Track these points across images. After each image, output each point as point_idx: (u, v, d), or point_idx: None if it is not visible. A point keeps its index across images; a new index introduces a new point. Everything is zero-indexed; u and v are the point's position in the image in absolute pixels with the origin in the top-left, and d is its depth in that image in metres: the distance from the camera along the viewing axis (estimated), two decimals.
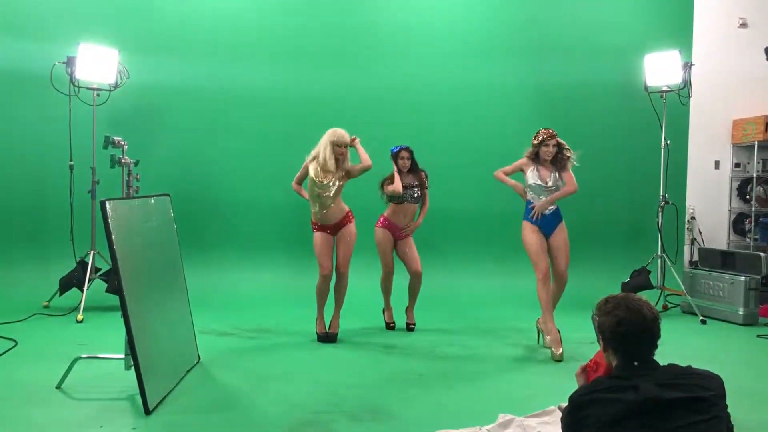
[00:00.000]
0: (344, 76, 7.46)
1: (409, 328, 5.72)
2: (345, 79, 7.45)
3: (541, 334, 5.19)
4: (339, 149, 5.14)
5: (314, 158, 5.16)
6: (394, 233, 5.64)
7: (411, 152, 5.64)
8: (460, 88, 7.59)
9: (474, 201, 7.46)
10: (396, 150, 5.63)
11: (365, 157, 5.21)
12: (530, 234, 5.05)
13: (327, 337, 5.25)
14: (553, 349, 4.84)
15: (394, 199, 5.60)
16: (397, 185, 5.50)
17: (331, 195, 5.16)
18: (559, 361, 4.75)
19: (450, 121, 7.54)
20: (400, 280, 5.80)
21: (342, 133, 5.16)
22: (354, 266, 5.37)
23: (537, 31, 7.57)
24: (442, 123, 7.46)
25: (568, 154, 5.08)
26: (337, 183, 5.15)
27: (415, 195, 5.63)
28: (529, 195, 5.11)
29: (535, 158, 5.08)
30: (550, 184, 5.05)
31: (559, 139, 5.04)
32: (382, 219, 5.68)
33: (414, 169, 5.66)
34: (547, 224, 5.09)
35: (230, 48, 7.45)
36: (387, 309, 5.81)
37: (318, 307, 5.33)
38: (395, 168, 5.60)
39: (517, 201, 5.33)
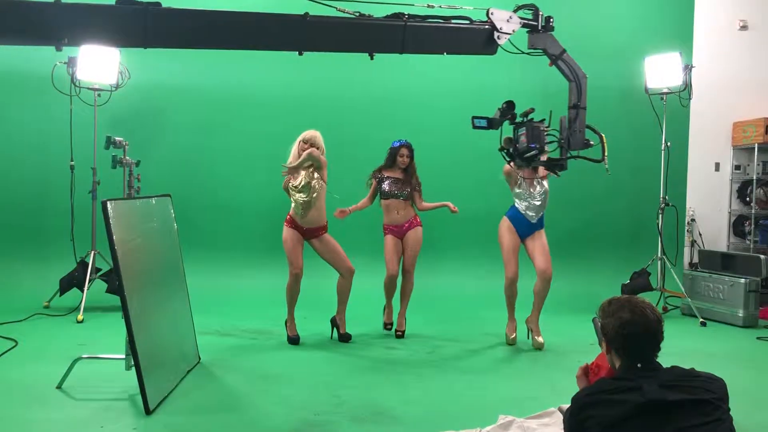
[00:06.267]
0: (345, 76, 7.45)
1: (397, 335, 5.56)
2: (346, 79, 7.44)
3: (530, 332, 5.28)
4: (303, 145, 5.15)
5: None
6: (396, 234, 5.60)
7: (411, 150, 5.62)
8: (460, 90, 7.59)
9: (473, 201, 7.44)
10: (396, 145, 5.61)
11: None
12: (506, 233, 5.23)
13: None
14: (508, 333, 5.31)
15: (383, 194, 5.57)
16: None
17: (310, 198, 5.11)
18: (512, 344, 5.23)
19: (448, 122, 7.51)
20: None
21: (305, 133, 5.19)
22: (358, 268, 5.38)
23: None
24: (441, 124, 7.45)
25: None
26: (309, 182, 5.09)
27: (404, 192, 5.56)
28: (516, 202, 5.25)
29: None
30: (536, 190, 5.18)
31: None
32: (384, 227, 5.65)
33: (409, 168, 5.61)
34: (526, 229, 5.20)
35: None
36: (387, 307, 5.75)
37: (289, 309, 5.26)
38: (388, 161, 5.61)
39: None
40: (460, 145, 7.50)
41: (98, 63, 6.17)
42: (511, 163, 3.65)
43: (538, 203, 5.18)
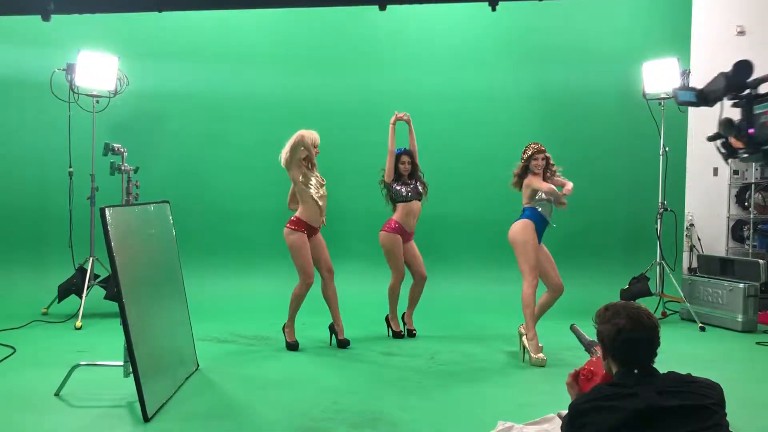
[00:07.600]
0: (345, 82, 7.48)
1: (412, 333, 5.71)
2: (346, 86, 7.47)
3: (523, 346, 5.07)
4: (317, 150, 5.20)
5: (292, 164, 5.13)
6: (404, 237, 5.60)
7: (412, 156, 5.65)
8: (460, 95, 7.61)
9: (474, 207, 7.47)
10: (398, 153, 5.65)
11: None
12: (533, 240, 5.00)
13: (300, 344, 5.25)
14: (534, 355, 4.88)
15: (400, 198, 5.57)
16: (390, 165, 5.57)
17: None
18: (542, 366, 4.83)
19: (450, 127, 7.55)
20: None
21: (316, 137, 5.18)
22: (357, 273, 5.38)
23: (536, 38, 7.59)
24: (442, 129, 7.47)
25: (554, 168, 5.17)
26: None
27: (419, 190, 5.62)
28: (537, 206, 5.08)
29: (525, 172, 5.12)
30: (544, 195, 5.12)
31: (547, 153, 5.13)
32: (393, 224, 5.57)
33: (413, 173, 5.67)
34: (541, 233, 5.14)
35: (230, 54, 7.46)
36: (393, 318, 5.73)
37: (291, 315, 5.30)
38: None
39: (515, 207, 5.32)
40: (458, 151, 7.51)
41: (97, 69, 6.19)
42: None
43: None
